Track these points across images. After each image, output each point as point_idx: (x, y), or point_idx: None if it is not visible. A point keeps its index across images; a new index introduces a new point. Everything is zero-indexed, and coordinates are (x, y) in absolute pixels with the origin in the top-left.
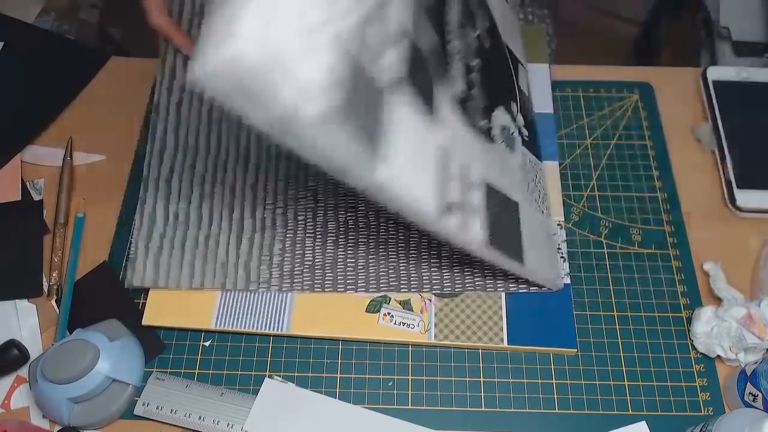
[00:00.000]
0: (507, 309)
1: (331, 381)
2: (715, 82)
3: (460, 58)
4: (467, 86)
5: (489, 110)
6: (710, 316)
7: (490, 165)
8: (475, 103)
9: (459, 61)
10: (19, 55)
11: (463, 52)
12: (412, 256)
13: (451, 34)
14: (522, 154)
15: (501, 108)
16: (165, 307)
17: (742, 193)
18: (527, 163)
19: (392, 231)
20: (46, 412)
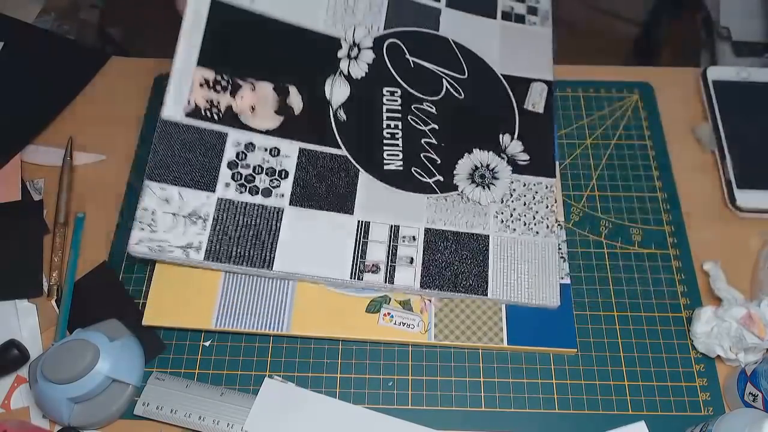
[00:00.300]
0: (507, 309)
1: (331, 381)
2: (715, 82)
3: (398, 137)
4: (407, 157)
5: (449, 163)
6: (710, 316)
7: (438, 213)
8: (421, 168)
9: (397, 139)
10: (19, 55)
11: (403, 131)
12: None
13: (386, 122)
14: (506, 185)
15: (474, 152)
16: (165, 307)
17: (742, 193)
18: (516, 191)
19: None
20: (46, 412)
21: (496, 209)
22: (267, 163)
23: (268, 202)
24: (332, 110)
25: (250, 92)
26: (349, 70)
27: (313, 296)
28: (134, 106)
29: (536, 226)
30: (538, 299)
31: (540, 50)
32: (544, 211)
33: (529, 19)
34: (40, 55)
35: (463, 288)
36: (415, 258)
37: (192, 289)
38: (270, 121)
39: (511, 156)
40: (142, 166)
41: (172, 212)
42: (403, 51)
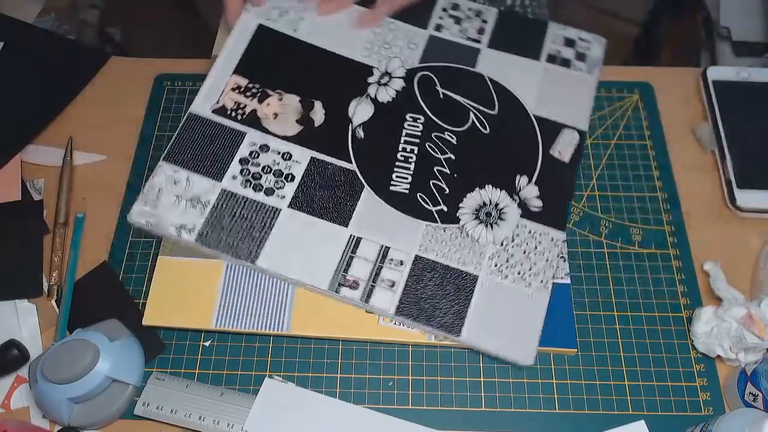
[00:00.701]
0: None
1: (331, 381)
2: (715, 82)
3: (411, 161)
4: (415, 182)
5: (457, 195)
6: (710, 316)
7: (432, 243)
8: (427, 195)
9: (410, 163)
10: (19, 55)
11: (418, 156)
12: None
13: (403, 145)
14: (511, 229)
15: (486, 188)
16: (165, 307)
17: (743, 193)
18: (519, 236)
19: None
20: (46, 412)
21: (492, 251)
22: (276, 165)
23: (269, 201)
24: (352, 127)
25: (276, 101)
26: (376, 95)
27: (313, 296)
28: (134, 106)
29: (530, 278)
30: (511, 354)
31: (580, 97)
32: (543, 264)
33: (576, 65)
34: (40, 55)
35: (438, 324)
36: (398, 283)
37: (192, 289)
38: (290, 129)
39: (524, 199)
40: (142, 166)
41: (177, 194)
42: (434, 82)
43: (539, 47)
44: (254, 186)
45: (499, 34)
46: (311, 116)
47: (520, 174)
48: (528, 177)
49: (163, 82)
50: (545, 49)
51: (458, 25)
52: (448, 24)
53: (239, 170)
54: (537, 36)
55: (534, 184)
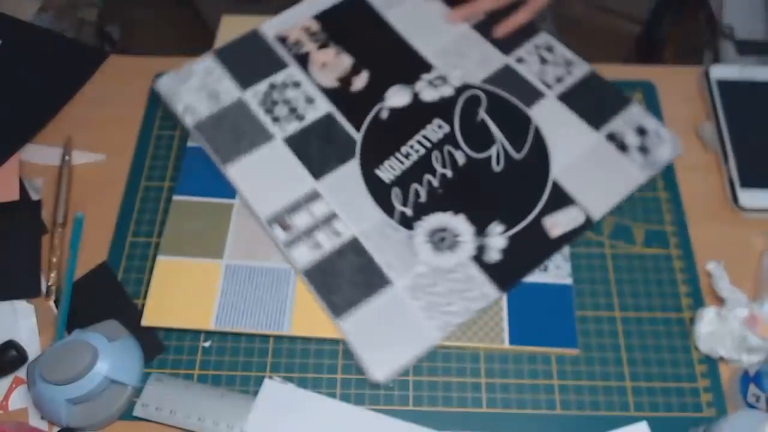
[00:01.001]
0: (508, 309)
1: (331, 381)
2: (719, 81)
3: (410, 158)
4: (400, 178)
5: (428, 208)
6: (713, 317)
7: (373, 229)
8: (402, 194)
9: (408, 158)
10: (17, 54)
11: (419, 158)
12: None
13: (413, 141)
14: (451, 263)
15: (458, 217)
16: (164, 307)
17: (745, 192)
18: (455, 273)
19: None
20: (44, 414)
21: (422, 271)
22: (295, 102)
23: (270, 127)
24: (380, 105)
25: (332, 54)
26: (421, 90)
27: (313, 296)
28: (133, 106)
29: (437, 314)
30: (370, 366)
31: (614, 188)
32: (459, 307)
33: (633, 155)
34: (38, 54)
35: (328, 301)
36: (323, 248)
37: (191, 290)
38: (327, 81)
39: (485, 246)
40: (141, 166)
41: (204, 83)
42: (480, 104)
43: (605, 119)
44: (267, 109)
45: (575, 90)
46: (352, 80)
47: (499, 221)
48: (504, 228)
49: None
50: (611, 125)
51: (541, 65)
52: (532, 61)
53: (264, 91)
54: (611, 108)
55: (503, 236)
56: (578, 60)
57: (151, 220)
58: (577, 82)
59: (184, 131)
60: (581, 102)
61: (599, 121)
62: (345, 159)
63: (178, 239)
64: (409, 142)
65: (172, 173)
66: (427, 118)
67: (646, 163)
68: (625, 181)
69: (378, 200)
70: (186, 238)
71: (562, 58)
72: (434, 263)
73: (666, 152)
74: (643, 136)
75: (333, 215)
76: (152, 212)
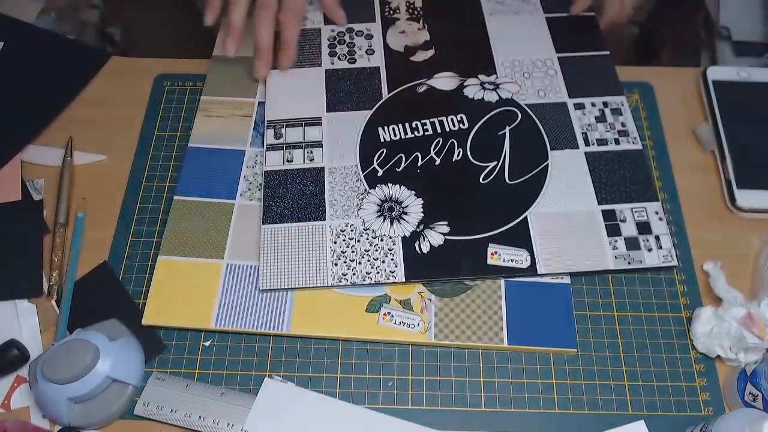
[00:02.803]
0: (507, 309)
1: (331, 381)
2: (715, 82)
3: (411, 135)
4: (390, 146)
5: (397, 180)
6: (710, 316)
7: (340, 179)
8: (384, 159)
9: (408, 134)
10: (19, 55)
11: (419, 137)
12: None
13: (426, 120)
14: (386, 230)
15: (418, 199)
16: (165, 306)
17: (742, 193)
18: (384, 242)
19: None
20: (46, 412)
21: (354, 224)
22: (357, 49)
23: (326, 57)
24: (425, 82)
25: (415, 27)
26: (467, 86)
27: (313, 296)
28: (134, 106)
29: (343, 258)
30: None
31: (576, 259)
32: (365, 267)
33: (617, 244)
34: (40, 55)
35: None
36: (294, 161)
37: (192, 289)
38: (395, 44)
39: (421, 234)
40: (142, 166)
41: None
42: (511, 121)
43: (616, 199)
44: (331, 44)
45: (608, 159)
46: (418, 53)
47: (448, 223)
48: (449, 230)
49: (163, 82)
50: (619, 206)
51: (595, 120)
52: (590, 111)
53: (340, 30)
54: (631, 192)
55: (443, 239)
56: (634, 136)
57: (152, 220)
58: (616, 153)
59: (184, 132)
60: (606, 172)
61: (610, 197)
62: (361, 107)
63: (178, 239)
64: (423, 120)
65: (172, 173)
66: (456, 110)
67: (625, 257)
68: (593, 261)
69: (362, 150)
70: (186, 237)
71: (621, 125)
72: (369, 223)
73: (653, 260)
74: (642, 233)
75: (318, 143)
76: (153, 212)
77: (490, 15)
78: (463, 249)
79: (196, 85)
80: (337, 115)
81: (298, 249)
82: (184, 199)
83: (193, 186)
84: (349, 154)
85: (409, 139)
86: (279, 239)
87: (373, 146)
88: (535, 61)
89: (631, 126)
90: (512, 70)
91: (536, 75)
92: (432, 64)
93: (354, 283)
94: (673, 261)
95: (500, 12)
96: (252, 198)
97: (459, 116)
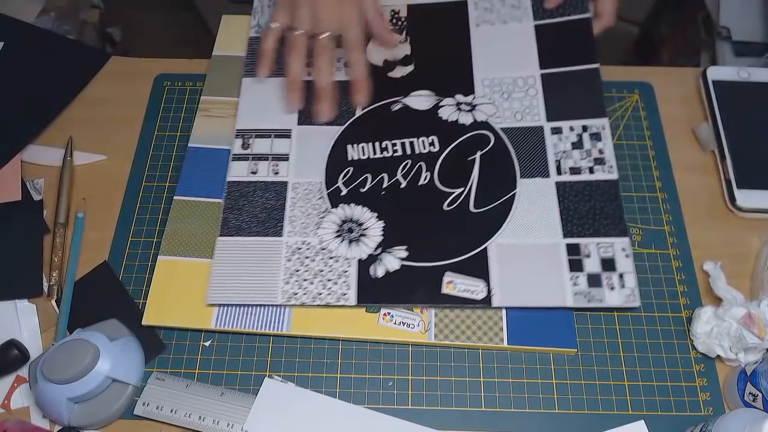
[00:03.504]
0: (507, 309)
1: (331, 381)
2: (715, 82)
3: (376, 153)
4: (361, 167)
5: (360, 201)
6: (710, 316)
7: (302, 195)
8: (343, 176)
9: (378, 152)
10: (19, 55)
11: (388, 157)
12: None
13: (396, 141)
14: (342, 251)
15: (379, 222)
16: (165, 306)
17: (742, 192)
18: (333, 260)
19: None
20: (46, 412)
21: (310, 242)
22: (338, 51)
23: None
24: (398, 100)
25: (398, 39)
26: (442, 106)
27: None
28: (134, 106)
29: (296, 277)
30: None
31: (535, 293)
32: (316, 287)
33: (578, 280)
34: (40, 55)
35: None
36: (258, 172)
37: (192, 289)
38: (374, 58)
39: (377, 258)
40: (143, 166)
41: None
42: (483, 145)
43: (582, 233)
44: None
45: (579, 191)
46: (397, 69)
47: (407, 248)
48: (407, 255)
49: (163, 82)
50: (585, 240)
51: (571, 147)
52: (567, 137)
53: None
54: (600, 227)
55: (400, 264)
56: (611, 165)
57: (152, 220)
58: (589, 183)
59: (184, 132)
60: (575, 203)
61: (576, 230)
62: (332, 122)
63: (178, 239)
64: (393, 140)
65: (172, 173)
66: (429, 132)
67: (585, 295)
68: (551, 297)
69: (328, 167)
70: (186, 238)
71: (598, 152)
72: (326, 243)
73: (614, 299)
74: (606, 269)
75: (285, 157)
76: (153, 212)
77: (477, 26)
78: (418, 276)
79: (196, 85)
80: (307, 128)
81: (251, 264)
82: (184, 199)
83: (193, 186)
84: (315, 170)
85: (377, 159)
86: (233, 253)
87: (341, 164)
88: (516, 80)
89: (609, 153)
90: (491, 90)
91: (516, 95)
92: (409, 80)
93: (303, 303)
94: (636, 302)
95: (487, 21)
96: None
97: (430, 138)
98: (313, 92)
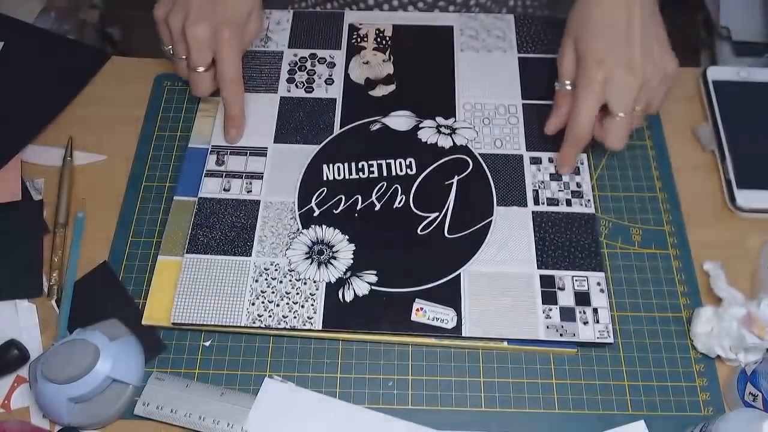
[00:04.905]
0: None
1: (331, 381)
2: (715, 82)
3: (353, 173)
4: (337, 187)
5: (333, 224)
6: (710, 316)
7: (274, 216)
8: (315, 197)
9: (354, 173)
10: (19, 55)
11: (363, 177)
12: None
13: (372, 161)
14: (311, 273)
15: (350, 245)
16: (165, 306)
17: (742, 192)
18: (304, 283)
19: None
20: (46, 412)
21: (278, 263)
22: (317, 77)
23: (283, 83)
24: (378, 120)
25: (379, 59)
26: (422, 128)
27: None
28: (134, 106)
29: (261, 298)
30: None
31: (505, 325)
32: (282, 310)
33: (551, 313)
34: (40, 55)
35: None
36: (231, 190)
37: None
38: (355, 76)
39: (347, 282)
40: (143, 166)
41: (265, 26)
42: (462, 170)
43: (558, 265)
44: (291, 69)
45: (557, 223)
46: (378, 87)
47: (377, 273)
48: (377, 281)
49: (163, 82)
50: (560, 272)
51: (550, 178)
52: (546, 169)
53: (303, 56)
54: (576, 261)
55: (369, 289)
56: (588, 199)
57: (152, 220)
58: (566, 215)
59: (184, 132)
60: (551, 234)
61: (551, 262)
62: (309, 142)
63: (178, 239)
64: (370, 161)
65: (172, 173)
66: (406, 153)
67: (557, 328)
68: (523, 329)
69: (302, 187)
70: (186, 238)
71: (576, 185)
72: (295, 265)
73: (588, 334)
74: (580, 304)
75: (259, 176)
76: (153, 212)
77: (461, 51)
78: (387, 302)
79: None
80: (283, 147)
81: (216, 284)
82: (184, 199)
83: (193, 186)
84: (289, 189)
85: (352, 180)
86: (199, 271)
87: (315, 184)
88: (498, 107)
89: (586, 187)
90: (472, 114)
91: (497, 122)
92: (390, 100)
93: (268, 326)
94: (609, 338)
95: (471, 48)
96: None
97: (408, 160)
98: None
